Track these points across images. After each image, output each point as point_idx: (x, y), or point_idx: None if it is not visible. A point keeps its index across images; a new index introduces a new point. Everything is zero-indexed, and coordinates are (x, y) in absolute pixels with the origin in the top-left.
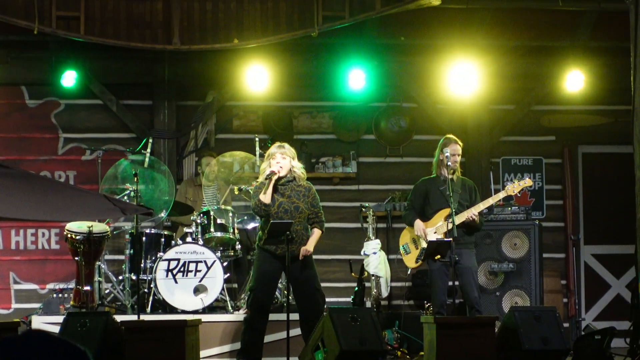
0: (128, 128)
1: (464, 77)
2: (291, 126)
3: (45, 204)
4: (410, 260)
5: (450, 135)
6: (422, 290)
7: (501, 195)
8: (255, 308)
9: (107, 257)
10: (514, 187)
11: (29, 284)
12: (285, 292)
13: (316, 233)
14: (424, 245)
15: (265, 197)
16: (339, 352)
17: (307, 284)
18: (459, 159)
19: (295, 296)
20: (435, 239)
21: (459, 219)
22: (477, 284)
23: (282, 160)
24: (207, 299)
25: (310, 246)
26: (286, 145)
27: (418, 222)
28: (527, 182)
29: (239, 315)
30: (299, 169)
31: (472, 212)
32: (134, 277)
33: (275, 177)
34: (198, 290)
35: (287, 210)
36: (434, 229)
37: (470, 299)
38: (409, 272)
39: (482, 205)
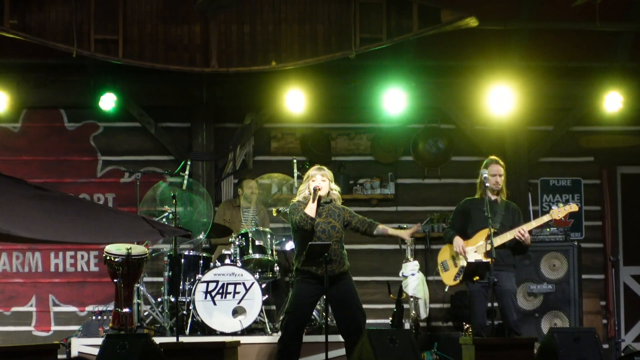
0: (166, 150)
1: (501, 99)
2: (329, 148)
3: (84, 226)
4: (449, 278)
5: (492, 157)
6: (461, 311)
7: (546, 218)
8: (290, 331)
9: (146, 279)
10: (559, 212)
11: (68, 306)
12: (324, 313)
13: (384, 226)
14: (464, 263)
15: (310, 211)
16: None
17: (347, 302)
18: (500, 179)
19: (336, 315)
20: (474, 260)
21: (501, 239)
22: (517, 306)
23: (322, 182)
24: (246, 320)
25: (403, 233)
26: (325, 167)
27: (457, 239)
28: (573, 207)
29: (278, 337)
30: (336, 191)
31: (521, 229)
32: (172, 299)
33: (319, 192)
34: (237, 312)
35: (325, 230)
36: (475, 248)
37: (509, 322)
38: (446, 290)
39: (525, 227)
